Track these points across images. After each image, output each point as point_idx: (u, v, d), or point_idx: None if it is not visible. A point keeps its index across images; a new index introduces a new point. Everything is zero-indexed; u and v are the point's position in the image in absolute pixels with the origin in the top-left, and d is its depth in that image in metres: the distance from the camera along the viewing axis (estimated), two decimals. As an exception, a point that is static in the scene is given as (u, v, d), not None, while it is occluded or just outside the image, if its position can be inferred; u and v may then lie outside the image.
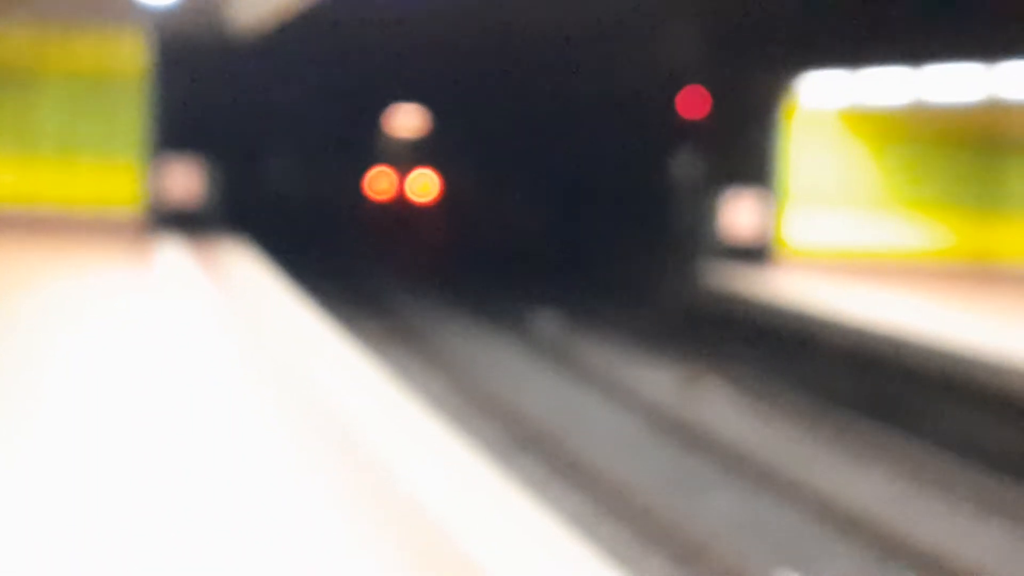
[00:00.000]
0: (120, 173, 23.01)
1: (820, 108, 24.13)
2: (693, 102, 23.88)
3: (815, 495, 13.37)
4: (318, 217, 24.02)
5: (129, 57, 23.16)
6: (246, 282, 17.18)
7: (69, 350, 11.94)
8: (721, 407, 18.32)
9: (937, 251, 24.32)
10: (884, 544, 12.25)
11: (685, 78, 24.02)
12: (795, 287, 21.72)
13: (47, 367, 10.91)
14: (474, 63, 23.02)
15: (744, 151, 23.67)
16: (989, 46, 18.34)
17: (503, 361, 20.74)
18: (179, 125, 22.97)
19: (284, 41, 21.49)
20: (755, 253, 23.17)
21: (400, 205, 22.44)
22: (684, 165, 24.65)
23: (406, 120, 22.15)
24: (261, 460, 8.33)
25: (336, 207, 23.36)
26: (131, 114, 22.92)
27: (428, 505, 7.06)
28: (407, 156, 22.00)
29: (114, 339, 12.56)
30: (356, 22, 22.79)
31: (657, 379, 19.56)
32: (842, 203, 24.15)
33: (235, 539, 6.49)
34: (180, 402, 9.71)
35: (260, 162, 22.52)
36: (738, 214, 22.79)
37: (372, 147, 21.99)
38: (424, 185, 22.20)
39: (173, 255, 19.57)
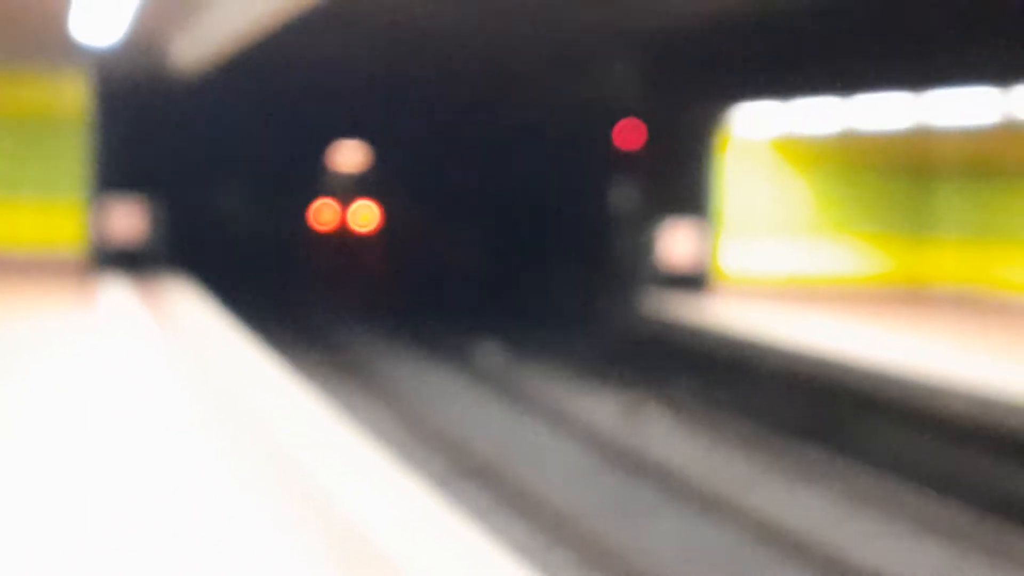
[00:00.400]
0: (63, 213, 22.88)
1: (753, 138, 24.07)
2: (629, 134, 23.98)
3: (755, 517, 13.56)
4: (264, 248, 24.40)
5: (71, 98, 22.90)
6: (191, 320, 17.06)
7: (8, 391, 11.69)
8: (662, 434, 18.46)
9: (871, 277, 24.56)
10: (822, 563, 12.37)
11: (621, 110, 24.18)
12: (731, 314, 21.72)
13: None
14: (412, 99, 23.48)
15: (680, 181, 23.74)
16: (917, 75, 18.67)
17: (445, 392, 20.54)
18: (121, 165, 22.81)
19: (226, 80, 21.70)
20: (693, 281, 23.31)
21: (343, 235, 23.25)
22: (622, 196, 24.73)
23: (348, 155, 23.08)
24: (206, 495, 8.31)
25: (282, 238, 24.03)
26: (73, 154, 22.66)
27: (373, 536, 7.12)
28: (349, 189, 22.85)
29: (56, 380, 12.30)
30: (296, 62, 23.28)
31: (598, 408, 19.59)
32: (777, 231, 24.27)
33: (181, 571, 6.60)
34: (124, 440, 9.55)
35: (205, 199, 23.73)
36: (675, 243, 22.95)
37: (316, 180, 22.92)
38: (365, 216, 22.86)
39: (117, 295, 19.40)
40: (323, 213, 22.92)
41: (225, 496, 8.34)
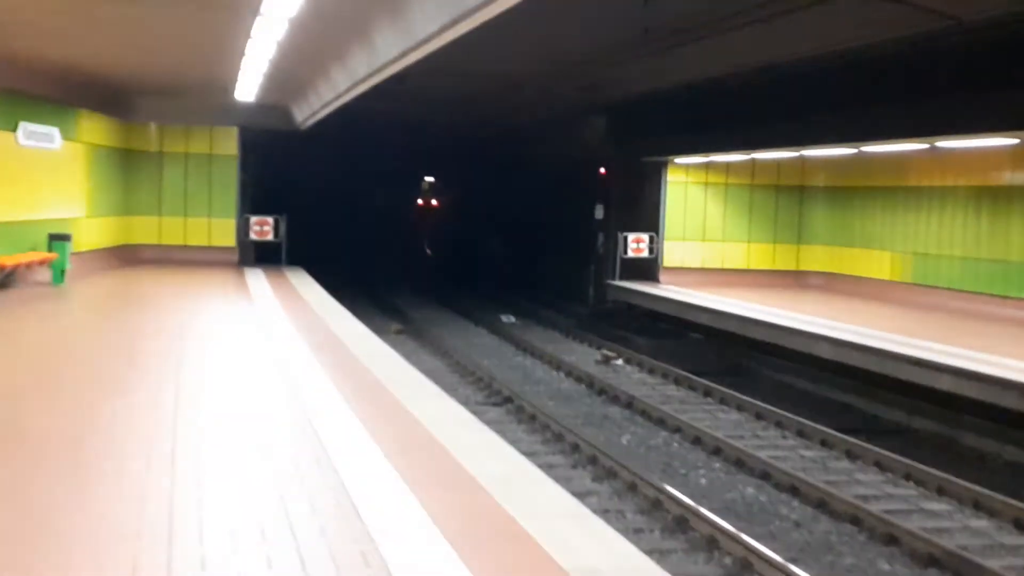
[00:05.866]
0: (226, 225, 29.19)
1: (684, 176, 28.75)
2: (609, 176, 29.52)
3: (686, 428, 16.40)
4: (398, 212, 49.67)
5: (228, 145, 28.65)
6: (296, 281, 22.54)
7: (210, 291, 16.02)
8: (625, 375, 21.75)
9: (759, 267, 29.13)
10: (724, 455, 14.95)
11: (602, 160, 29.79)
12: (666, 291, 26.07)
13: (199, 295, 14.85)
14: (453, 156, 43.65)
15: (642, 207, 29.32)
16: (795, 140, 22.69)
17: (480, 344, 25.46)
18: (259, 194, 29.39)
19: (324, 130, 29.73)
20: (649, 265, 29.14)
21: (427, 206, 49.67)
22: (602, 215, 30.17)
23: (427, 179, 50.14)
24: (299, 354, 11.60)
25: (405, 207, 49.99)
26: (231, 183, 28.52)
27: (423, 422, 9.48)
28: (428, 191, 50.43)
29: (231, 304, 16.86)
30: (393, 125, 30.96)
31: (580, 358, 23.54)
32: (700, 238, 29.39)
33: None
34: (244, 307, 13.19)
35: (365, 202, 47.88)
36: (640, 244, 28.94)
37: (418, 188, 50.37)
38: (433, 200, 50.00)
39: (254, 272, 25.57)
40: (420, 199, 50.09)
41: (304, 351, 11.11)
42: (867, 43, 16.00)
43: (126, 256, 27.47)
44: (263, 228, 29.12)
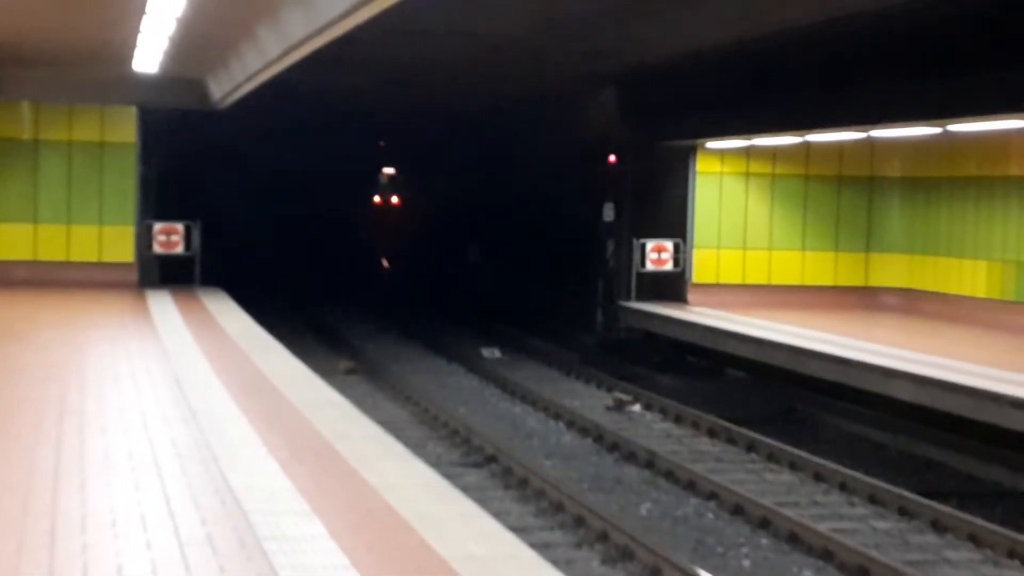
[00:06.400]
0: (122, 235, 29.53)
1: (719, 169, 29.39)
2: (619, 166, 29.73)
3: (724, 495, 16.73)
4: (359, 210, 53.14)
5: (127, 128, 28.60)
6: (216, 309, 23.93)
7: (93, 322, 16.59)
8: (645, 426, 22.26)
9: (817, 282, 29.70)
10: (774, 529, 15.28)
11: (611, 146, 30.06)
12: (696, 315, 26.80)
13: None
14: (427, 140, 45.93)
15: (665, 206, 29.97)
16: (866, 115, 22.56)
17: (455, 386, 26.34)
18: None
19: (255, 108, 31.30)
20: (674, 282, 29.75)
21: (385, 204, 52.27)
22: (612, 216, 30.60)
23: (386, 173, 54.93)
24: (218, 403, 12.55)
25: (362, 206, 52.85)
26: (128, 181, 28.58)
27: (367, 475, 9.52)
28: (388, 188, 54.77)
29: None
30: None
31: (586, 403, 24.16)
32: (743, 245, 30.17)
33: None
34: (154, 355, 13.54)
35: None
36: (662, 254, 29.69)
37: (376, 184, 54.93)
38: (392, 198, 53.05)
39: (159, 295, 26.11)
40: (377, 197, 53.78)
41: (231, 404, 11.27)
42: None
43: (-10, 277, 26.21)
44: (171, 238, 29.80)
